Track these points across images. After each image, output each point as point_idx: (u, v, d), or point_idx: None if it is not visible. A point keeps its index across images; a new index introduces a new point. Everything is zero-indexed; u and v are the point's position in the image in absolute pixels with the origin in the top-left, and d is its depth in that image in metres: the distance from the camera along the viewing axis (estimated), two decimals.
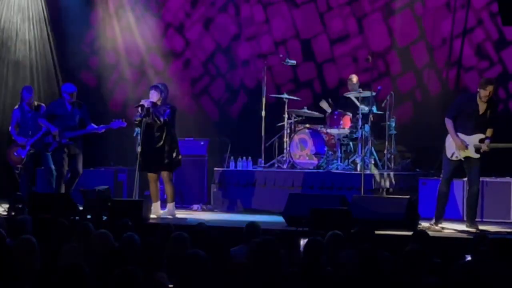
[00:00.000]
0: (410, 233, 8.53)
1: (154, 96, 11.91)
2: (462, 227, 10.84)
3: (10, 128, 13.20)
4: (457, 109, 10.73)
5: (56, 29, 15.93)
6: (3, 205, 12.27)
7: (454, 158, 10.72)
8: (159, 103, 11.89)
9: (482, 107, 10.58)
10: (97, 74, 16.05)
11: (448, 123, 10.68)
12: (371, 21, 14.58)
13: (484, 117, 10.60)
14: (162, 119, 11.75)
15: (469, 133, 10.62)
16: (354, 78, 13.59)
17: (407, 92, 14.13)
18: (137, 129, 12.07)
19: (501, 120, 13.28)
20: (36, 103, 13.24)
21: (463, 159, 10.68)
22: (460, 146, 10.58)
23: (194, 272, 5.63)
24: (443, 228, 10.64)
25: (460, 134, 10.61)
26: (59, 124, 12.33)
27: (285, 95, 13.65)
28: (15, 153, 13.02)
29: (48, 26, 15.86)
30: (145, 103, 11.85)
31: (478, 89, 10.53)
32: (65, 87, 12.57)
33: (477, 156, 10.61)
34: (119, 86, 15.94)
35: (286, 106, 13.56)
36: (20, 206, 11.36)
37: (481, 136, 10.59)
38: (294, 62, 13.99)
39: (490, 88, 10.45)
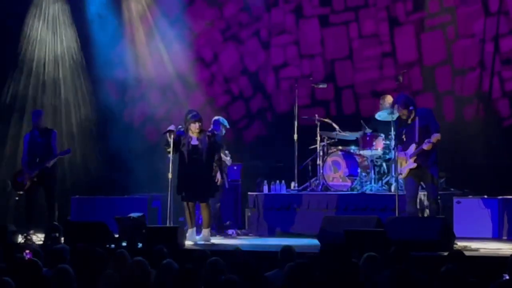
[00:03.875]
0: (446, 253, 8.47)
1: (197, 127, 11.75)
2: (499, 245, 10.76)
3: (22, 155, 12.97)
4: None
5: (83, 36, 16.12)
6: (38, 234, 12.34)
7: None
8: (200, 132, 11.78)
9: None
10: (121, 87, 16.13)
11: None
12: (402, 33, 14.57)
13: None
14: (217, 156, 11.82)
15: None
16: (388, 98, 13.45)
17: None
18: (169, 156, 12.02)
19: None
20: (46, 127, 13.05)
21: None
22: None
23: None
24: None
25: None
26: None
27: (316, 117, 13.60)
28: (18, 179, 12.81)
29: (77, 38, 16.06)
30: (173, 128, 11.80)
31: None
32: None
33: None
34: (140, 103, 15.98)
35: (318, 129, 13.53)
36: (56, 235, 11.38)
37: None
38: (325, 85, 13.99)
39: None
